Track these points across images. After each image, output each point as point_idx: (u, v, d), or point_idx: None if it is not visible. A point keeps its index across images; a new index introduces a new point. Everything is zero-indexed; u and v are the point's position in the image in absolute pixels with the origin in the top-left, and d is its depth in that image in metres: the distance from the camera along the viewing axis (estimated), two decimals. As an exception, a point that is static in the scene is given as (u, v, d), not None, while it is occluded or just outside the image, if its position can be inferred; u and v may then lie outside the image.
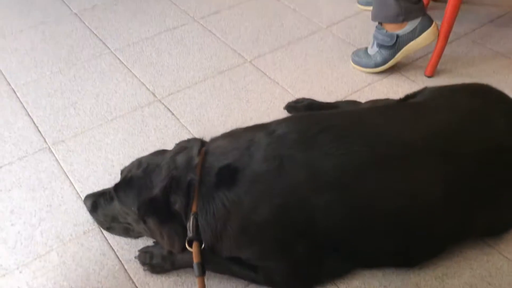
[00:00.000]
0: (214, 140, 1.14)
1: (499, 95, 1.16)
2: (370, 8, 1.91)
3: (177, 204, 1.02)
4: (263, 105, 1.62)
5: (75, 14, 2.05)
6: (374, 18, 1.63)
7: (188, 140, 1.45)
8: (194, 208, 1.01)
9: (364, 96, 1.63)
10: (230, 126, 1.53)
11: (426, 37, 1.60)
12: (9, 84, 1.71)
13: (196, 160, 1.05)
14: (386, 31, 1.61)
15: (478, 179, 1.02)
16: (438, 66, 1.69)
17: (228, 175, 1.01)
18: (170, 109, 1.60)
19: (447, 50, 1.72)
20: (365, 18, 1.98)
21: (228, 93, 1.66)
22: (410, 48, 1.63)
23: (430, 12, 1.97)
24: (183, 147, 1.14)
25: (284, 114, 1.57)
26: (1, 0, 2.14)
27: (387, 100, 1.40)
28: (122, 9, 2.07)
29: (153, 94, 1.66)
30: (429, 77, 1.69)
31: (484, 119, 1.06)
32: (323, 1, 2.11)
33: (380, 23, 1.63)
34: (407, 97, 1.27)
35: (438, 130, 1.03)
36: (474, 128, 1.05)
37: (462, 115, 1.07)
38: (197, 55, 1.83)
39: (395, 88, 1.66)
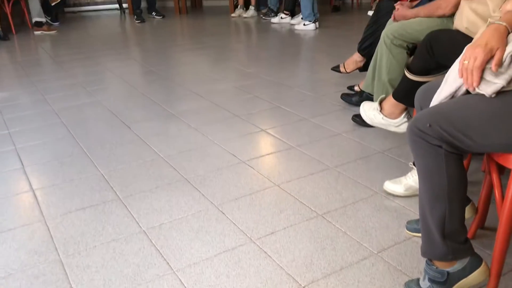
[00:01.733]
0: None
1: None
2: (418, 234, 2.01)
3: None
4: (317, 337, 1.63)
5: (144, 231, 2.26)
6: (423, 254, 1.70)
7: None
8: None
9: (419, 333, 1.62)
10: None
11: (477, 276, 1.64)
12: (78, 303, 1.84)
13: None
14: (437, 268, 1.67)
15: None
16: (494, 302, 1.69)
17: None
18: (226, 338, 1.64)
19: (501, 284, 1.73)
20: (415, 244, 2.07)
21: (282, 322, 1.70)
22: (463, 285, 1.66)
23: (478, 241, 2.04)
24: None
25: None
26: (80, 215, 2.41)
27: None
28: (186, 228, 2.28)
29: (210, 320, 1.73)
30: (485, 314, 1.68)
31: None
32: (372, 225, 2.24)
33: (430, 259, 1.70)
34: None
35: None
36: None
37: None
38: (253, 279, 1.92)
39: (451, 325, 1.64)
